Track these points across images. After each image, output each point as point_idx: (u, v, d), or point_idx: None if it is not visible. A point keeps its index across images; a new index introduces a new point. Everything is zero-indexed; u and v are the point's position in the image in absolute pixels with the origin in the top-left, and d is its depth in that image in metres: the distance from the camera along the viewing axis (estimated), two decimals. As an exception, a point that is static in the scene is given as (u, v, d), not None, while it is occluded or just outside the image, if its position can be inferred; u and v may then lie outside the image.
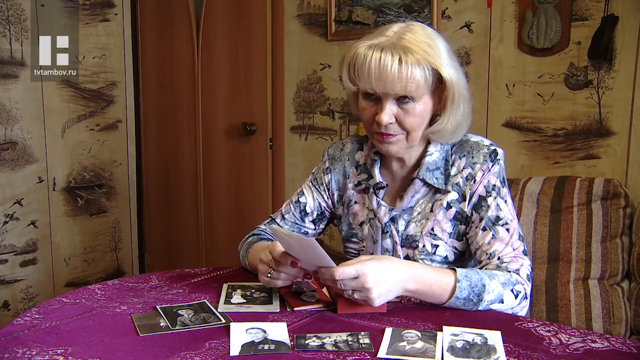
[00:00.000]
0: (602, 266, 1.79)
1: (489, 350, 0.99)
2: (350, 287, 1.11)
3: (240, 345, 1.01)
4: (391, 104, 1.24)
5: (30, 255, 2.94)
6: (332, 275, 1.11)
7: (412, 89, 1.21)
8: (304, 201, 1.49)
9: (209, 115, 3.01)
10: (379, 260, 1.15)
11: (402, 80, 1.20)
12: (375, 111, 1.25)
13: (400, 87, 1.21)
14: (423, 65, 1.20)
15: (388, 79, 1.20)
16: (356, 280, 1.10)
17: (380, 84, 1.21)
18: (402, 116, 1.25)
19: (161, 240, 3.38)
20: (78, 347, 1.01)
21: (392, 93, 1.22)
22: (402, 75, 1.20)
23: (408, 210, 1.35)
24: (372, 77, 1.21)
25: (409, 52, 1.20)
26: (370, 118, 1.27)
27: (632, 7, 1.87)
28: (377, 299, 1.12)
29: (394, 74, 1.20)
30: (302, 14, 2.66)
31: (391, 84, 1.21)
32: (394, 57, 1.20)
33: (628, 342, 1.04)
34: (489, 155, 1.31)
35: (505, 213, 1.29)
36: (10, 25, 2.74)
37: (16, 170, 2.84)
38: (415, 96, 1.23)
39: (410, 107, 1.24)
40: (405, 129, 1.26)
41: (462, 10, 2.21)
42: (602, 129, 1.96)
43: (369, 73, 1.21)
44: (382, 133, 1.27)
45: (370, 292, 1.11)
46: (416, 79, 1.21)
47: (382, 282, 1.12)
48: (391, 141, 1.27)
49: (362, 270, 1.10)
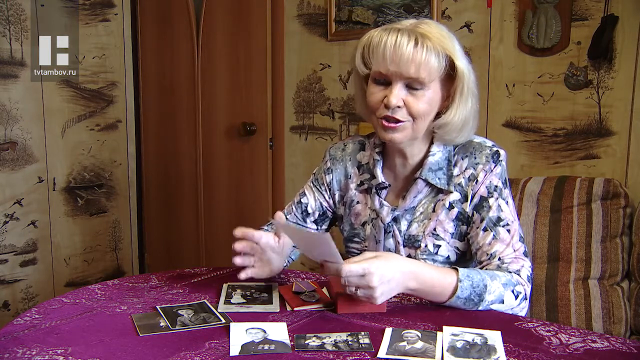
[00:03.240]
0: (602, 266, 1.79)
1: (489, 350, 0.99)
2: (355, 284, 1.11)
3: (240, 345, 1.01)
4: (401, 88, 1.24)
5: (30, 255, 2.94)
6: (339, 271, 1.10)
7: (425, 73, 1.22)
8: (305, 202, 1.49)
9: (209, 115, 3.01)
10: (385, 259, 1.14)
11: (416, 62, 1.21)
12: (384, 95, 1.26)
13: (414, 68, 1.21)
14: (439, 51, 1.22)
15: (403, 59, 1.21)
16: (362, 278, 1.10)
17: (394, 65, 1.22)
18: (410, 101, 1.24)
19: (161, 240, 3.38)
20: (78, 347, 1.01)
21: (405, 74, 1.22)
22: (417, 57, 1.20)
23: (410, 210, 1.35)
24: (387, 57, 1.22)
25: (426, 37, 1.22)
26: (378, 102, 1.27)
27: (632, 7, 1.87)
28: (379, 298, 1.12)
29: (409, 54, 1.20)
30: (302, 14, 2.66)
31: (405, 65, 1.21)
32: (410, 38, 1.21)
33: (628, 342, 1.04)
34: (492, 156, 1.31)
35: (506, 214, 1.29)
36: (10, 25, 2.74)
37: (16, 170, 2.84)
38: (426, 82, 1.23)
39: (419, 94, 1.24)
40: (412, 115, 1.26)
41: (462, 10, 2.21)
42: (602, 129, 1.96)
43: (384, 53, 1.22)
44: (389, 118, 1.26)
45: (374, 291, 1.11)
46: (430, 63, 1.21)
47: (386, 282, 1.12)
48: (396, 128, 1.27)
49: (369, 269, 1.10)
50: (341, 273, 1.10)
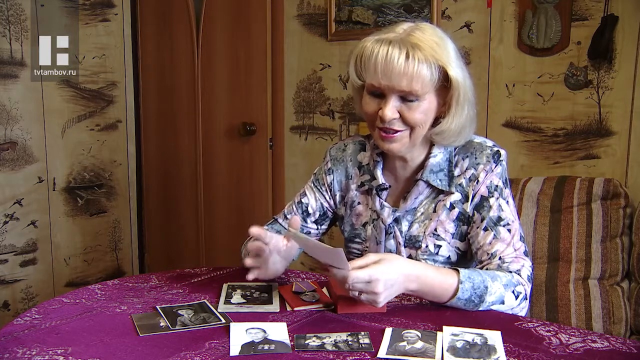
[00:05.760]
0: (602, 266, 1.79)
1: (489, 350, 0.99)
2: (359, 289, 1.11)
3: (240, 345, 1.01)
4: (395, 100, 1.23)
5: (30, 255, 2.94)
6: (345, 278, 1.10)
7: (417, 86, 1.21)
8: (306, 202, 1.49)
9: (209, 115, 3.01)
10: (389, 263, 1.14)
11: (407, 75, 1.20)
12: (379, 107, 1.25)
13: (406, 82, 1.20)
14: (430, 62, 1.20)
15: (394, 73, 1.20)
16: (367, 284, 1.10)
17: (385, 78, 1.21)
18: (405, 112, 1.24)
19: (161, 240, 3.38)
20: (78, 347, 1.01)
21: (397, 88, 1.21)
22: (409, 70, 1.19)
23: (411, 211, 1.35)
24: (378, 71, 1.21)
25: (417, 48, 1.20)
26: (374, 114, 1.27)
27: (632, 7, 1.87)
28: (382, 302, 1.13)
29: (400, 68, 1.19)
30: (302, 14, 2.66)
31: (397, 79, 1.20)
32: (401, 52, 1.19)
33: (628, 342, 1.04)
34: (492, 156, 1.31)
35: (507, 214, 1.29)
36: (10, 25, 2.74)
37: (16, 170, 2.84)
38: (419, 94, 1.22)
39: (414, 105, 1.23)
40: (408, 124, 1.25)
41: (462, 10, 2.21)
42: (602, 129, 1.96)
43: (375, 66, 1.21)
44: (385, 129, 1.26)
45: (378, 296, 1.11)
46: (422, 76, 1.20)
47: (390, 286, 1.12)
48: (394, 139, 1.27)
49: (374, 276, 1.10)
50: (348, 279, 1.10)
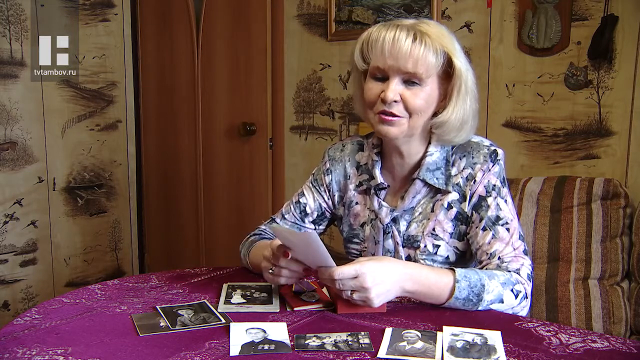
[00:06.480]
0: (602, 266, 1.79)
1: (489, 350, 0.99)
2: (349, 287, 1.12)
3: (240, 345, 1.02)
4: (398, 83, 1.25)
5: (30, 255, 2.94)
6: (331, 274, 1.11)
7: (422, 69, 1.23)
8: (304, 202, 1.49)
9: (209, 115, 3.01)
10: (378, 261, 1.16)
11: (414, 57, 1.22)
12: (382, 90, 1.26)
13: (411, 63, 1.22)
14: (437, 47, 1.23)
15: (401, 53, 1.22)
16: (355, 280, 1.11)
17: (392, 59, 1.23)
18: (407, 96, 1.25)
19: (161, 240, 3.38)
20: (78, 347, 1.01)
21: (403, 69, 1.23)
22: (415, 52, 1.22)
23: (409, 210, 1.35)
24: (385, 52, 1.23)
25: (425, 34, 1.23)
26: (375, 97, 1.28)
27: (632, 7, 1.87)
28: (375, 300, 1.13)
29: (407, 49, 1.21)
30: (302, 14, 2.66)
31: (403, 59, 1.22)
32: (409, 34, 1.23)
33: (628, 342, 1.04)
34: (489, 156, 1.31)
35: (505, 213, 1.29)
36: (10, 25, 2.74)
37: (16, 170, 2.84)
38: (423, 77, 1.24)
39: (416, 89, 1.25)
40: (408, 110, 1.26)
41: (462, 10, 2.21)
42: (602, 129, 1.96)
43: (383, 47, 1.24)
44: (385, 112, 1.26)
45: (369, 292, 1.11)
46: (428, 59, 1.22)
47: (380, 282, 1.12)
48: (393, 122, 1.27)
49: (361, 270, 1.11)
50: (334, 276, 1.11)
